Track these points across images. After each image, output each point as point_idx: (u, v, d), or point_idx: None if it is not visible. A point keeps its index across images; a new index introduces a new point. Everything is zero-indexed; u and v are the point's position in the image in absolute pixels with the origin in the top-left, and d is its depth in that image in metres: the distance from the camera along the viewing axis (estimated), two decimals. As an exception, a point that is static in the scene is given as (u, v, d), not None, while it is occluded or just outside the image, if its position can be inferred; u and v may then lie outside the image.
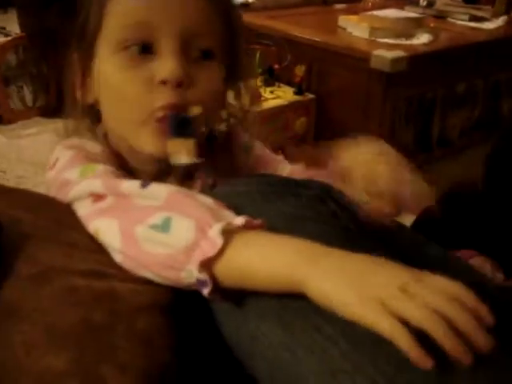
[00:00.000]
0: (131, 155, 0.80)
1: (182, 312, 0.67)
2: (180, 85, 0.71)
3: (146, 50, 0.72)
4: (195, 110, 0.72)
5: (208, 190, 0.76)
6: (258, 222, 0.62)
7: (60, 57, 0.79)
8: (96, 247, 0.69)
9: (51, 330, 0.58)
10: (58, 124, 0.82)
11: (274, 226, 0.62)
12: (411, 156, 2.42)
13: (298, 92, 2.46)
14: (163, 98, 0.71)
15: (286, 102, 2.39)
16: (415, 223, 1.13)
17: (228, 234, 0.59)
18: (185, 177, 0.82)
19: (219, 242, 0.58)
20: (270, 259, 0.58)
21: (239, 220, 0.61)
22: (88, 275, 0.64)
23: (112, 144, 0.80)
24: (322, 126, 2.52)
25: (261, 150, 0.97)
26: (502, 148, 1.17)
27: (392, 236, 0.72)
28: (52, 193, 0.76)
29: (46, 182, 0.78)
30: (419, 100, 2.48)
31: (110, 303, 0.62)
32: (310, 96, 2.47)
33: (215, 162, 0.87)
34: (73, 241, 0.69)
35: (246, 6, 3.36)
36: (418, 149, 2.60)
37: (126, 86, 0.72)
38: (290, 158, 1.02)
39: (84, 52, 0.76)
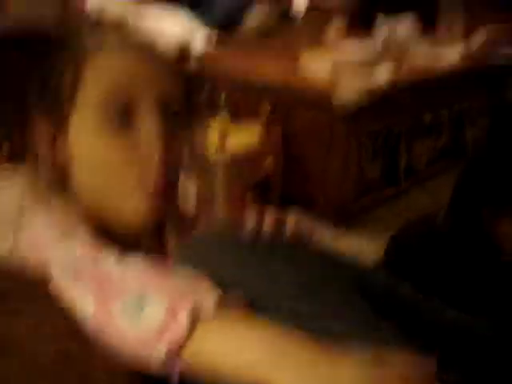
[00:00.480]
0: (106, 221, 0.73)
1: None
2: None
3: (125, 117, 0.68)
4: None
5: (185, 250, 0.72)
6: (233, 298, 0.61)
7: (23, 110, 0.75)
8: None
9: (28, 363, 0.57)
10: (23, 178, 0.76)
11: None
12: (379, 191, 2.42)
13: (265, 130, 2.46)
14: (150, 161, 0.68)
15: (253, 142, 2.38)
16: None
17: (196, 318, 0.58)
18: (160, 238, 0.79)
19: (187, 327, 0.57)
20: (235, 354, 0.57)
21: (210, 301, 0.59)
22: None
23: (84, 205, 0.73)
24: (289, 164, 2.52)
25: None
26: (466, 180, 1.17)
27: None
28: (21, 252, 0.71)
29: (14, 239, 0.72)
30: (384, 133, 2.50)
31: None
32: (277, 135, 2.48)
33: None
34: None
35: (208, 44, 3.38)
36: (385, 183, 2.62)
37: (110, 157, 0.68)
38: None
39: (55, 114, 0.71)
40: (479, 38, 3.59)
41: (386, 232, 1.25)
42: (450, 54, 2.99)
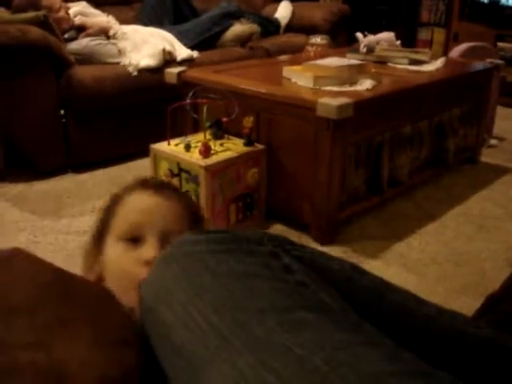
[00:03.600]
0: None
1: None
2: None
3: (137, 240, 1.00)
4: None
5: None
6: None
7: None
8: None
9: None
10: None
11: (226, 288, 0.62)
12: (364, 200, 2.45)
13: (248, 143, 2.48)
14: (146, 272, 0.87)
15: (236, 154, 2.40)
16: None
17: None
18: None
19: None
20: None
21: None
22: (31, 348, 0.62)
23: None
24: (273, 175, 2.54)
25: None
26: None
27: (351, 283, 0.72)
28: None
29: None
30: (367, 144, 2.53)
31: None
32: (260, 147, 2.50)
33: None
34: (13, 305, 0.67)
35: (191, 61, 3.41)
36: (369, 192, 2.64)
37: (123, 264, 0.99)
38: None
39: (98, 243, 1.06)
40: (457, 50, 3.66)
41: (372, 240, 1.26)
42: (429, 66, 3.04)
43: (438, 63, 3.11)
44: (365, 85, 2.53)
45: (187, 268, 0.66)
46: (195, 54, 3.57)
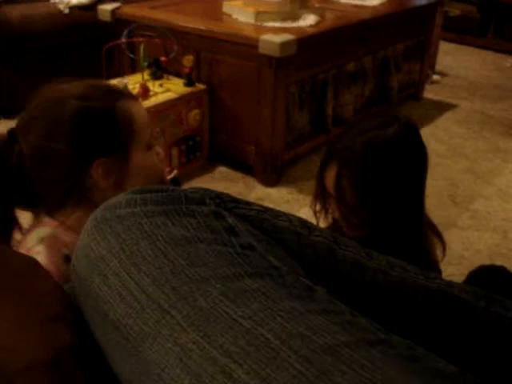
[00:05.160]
0: None
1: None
2: None
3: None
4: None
5: None
6: None
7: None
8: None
9: None
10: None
11: (165, 256, 0.56)
12: (309, 139, 2.41)
13: (189, 83, 2.38)
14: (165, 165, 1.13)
15: (176, 95, 2.30)
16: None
17: None
18: None
19: None
20: None
21: None
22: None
23: None
24: (216, 117, 2.46)
25: None
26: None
27: (300, 240, 0.67)
28: None
29: None
30: (311, 82, 2.47)
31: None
32: (201, 86, 2.40)
33: None
34: None
35: (126, -4, 3.23)
36: (314, 131, 2.60)
37: (154, 165, 1.08)
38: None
39: (119, 153, 1.01)
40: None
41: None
42: (372, 1, 2.97)
43: (382, -4, 3.03)
44: (308, 20, 2.45)
45: (121, 234, 0.59)
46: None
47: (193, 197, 0.64)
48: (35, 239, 0.95)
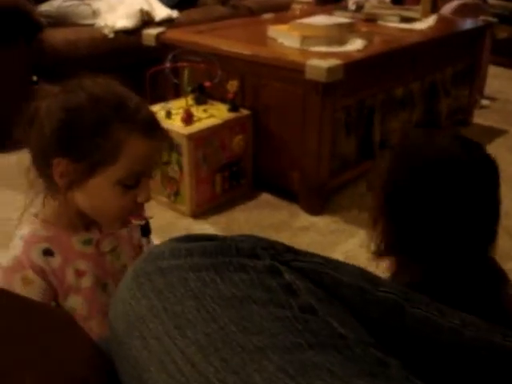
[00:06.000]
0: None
1: None
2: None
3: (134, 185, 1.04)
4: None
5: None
6: None
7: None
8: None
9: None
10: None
11: (214, 319, 0.48)
12: (355, 165, 2.33)
13: (233, 109, 2.34)
14: (139, 210, 1.10)
15: (220, 121, 2.26)
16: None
17: None
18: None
19: None
20: None
21: None
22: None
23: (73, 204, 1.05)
24: (260, 143, 2.41)
25: None
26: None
27: (364, 297, 0.58)
28: None
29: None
30: (358, 108, 2.40)
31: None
32: (246, 112, 2.36)
33: None
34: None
35: (170, 21, 3.23)
36: (361, 157, 2.52)
37: (116, 203, 1.03)
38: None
39: (84, 165, 0.99)
40: (449, 6, 3.51)
41: (364, 209, 1.13)
42: (420, 24, 2.90)
43: (430, 21, 2.96)
44: (355, 45, 2.39)
45: (164, 290, 0.51)
46: (175, 13, 3.37)
47: (243, 247, 0.56)
48: (17, 238, 1.04)
